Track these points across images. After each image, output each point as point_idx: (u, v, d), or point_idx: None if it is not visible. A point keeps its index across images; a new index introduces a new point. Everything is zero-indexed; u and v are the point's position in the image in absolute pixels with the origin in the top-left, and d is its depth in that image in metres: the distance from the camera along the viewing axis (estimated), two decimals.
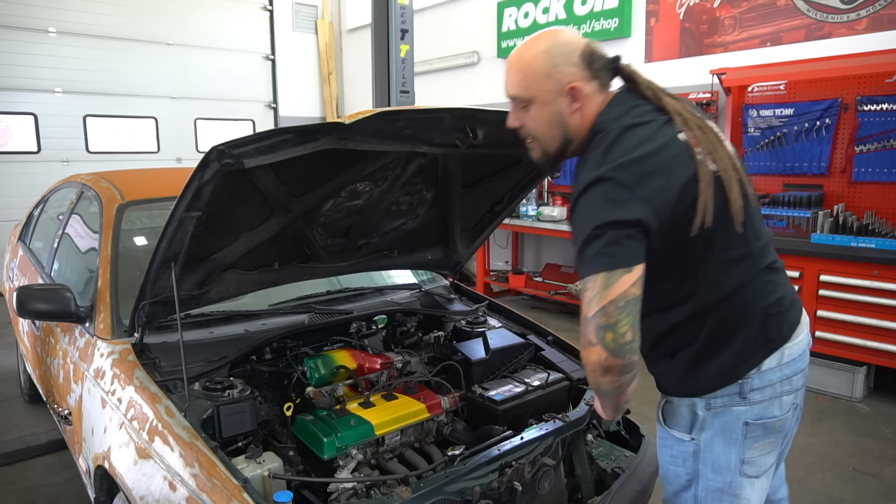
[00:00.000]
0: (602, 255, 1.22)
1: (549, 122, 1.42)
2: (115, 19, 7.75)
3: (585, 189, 1.27)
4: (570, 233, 1.31)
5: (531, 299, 6.89)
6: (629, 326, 1.22)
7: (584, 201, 1.28)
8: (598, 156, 1.31)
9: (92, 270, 2.42)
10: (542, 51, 1.39)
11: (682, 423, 1.48)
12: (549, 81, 1.38)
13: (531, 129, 1.46)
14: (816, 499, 2.96)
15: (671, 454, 1.52)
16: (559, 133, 1.44)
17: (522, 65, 1.41)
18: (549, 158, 1.50)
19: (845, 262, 3.99)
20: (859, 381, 4.06)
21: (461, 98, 7.69)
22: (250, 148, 1.51)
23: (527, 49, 1.42)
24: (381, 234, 2.32)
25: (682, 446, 1.49)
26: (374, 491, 1.64)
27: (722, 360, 1.42)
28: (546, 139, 1.46)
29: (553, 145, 1.46)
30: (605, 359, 1.23)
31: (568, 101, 1.40)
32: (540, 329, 2.56)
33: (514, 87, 1.43)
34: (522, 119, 1.46)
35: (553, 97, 1.40)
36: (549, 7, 6.55)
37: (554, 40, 1.40)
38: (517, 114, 1.47)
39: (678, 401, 1.48)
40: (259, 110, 9.20)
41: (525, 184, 2.41)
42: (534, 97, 1.41)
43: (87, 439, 2.02)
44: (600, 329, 1.22)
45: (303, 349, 2.14)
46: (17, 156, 7.31)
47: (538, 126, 1.44)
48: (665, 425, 1.53)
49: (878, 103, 4.18)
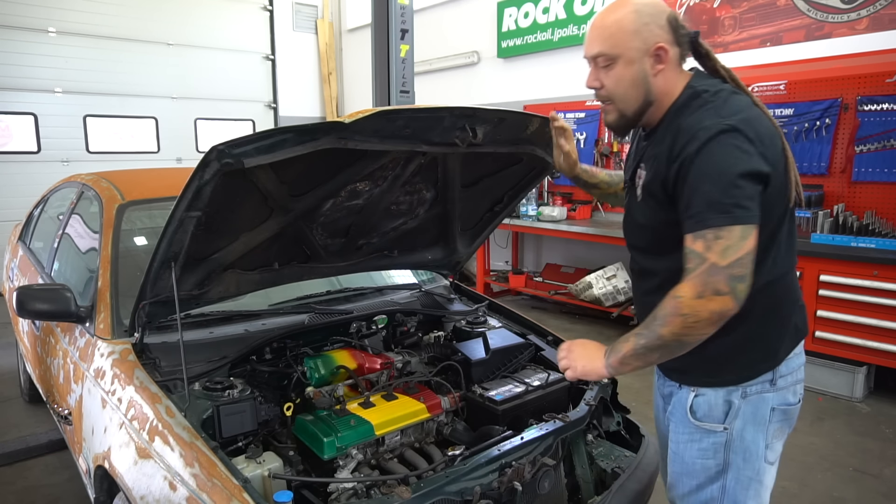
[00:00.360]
0: (741, 207, 1.24)
1: (633, 82, 1.41)
2: (115, 19, 7.76)
3: (714, 136, 1.28)
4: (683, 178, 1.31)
5: (531, 299, 6.89)
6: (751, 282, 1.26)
7: (715, 149, 1.27)
8: (713, 110, 1.33)
9: (92, 270, 2.42)
10: (632, 10, 1.38)
11: (715, 414, 1.48)
12: (636, 40, 1.38)
13: (611, 89, 1.44)
14: (816, 499, 2.96)
15: (699, 448, 1.51)
16: (641, 93, 1.42)
17: (610, 22, 1.40)
18: (625, 121, 1.48)
19: (845, 262, 3.98)
20: (859, 381, 4.06)
21: (461, 98, 7.69)
22: (250, 147, 1.51)
23: (615, 8, 1.41)
24: (381, 234, 2.32)
25: (713, 438, 1.49)
26: (374, 491, 1.64)
27: (766, 346, 1.45)
28: (626, 99, 1.44)
29: (633, 106, 1.44)
30: (731, 308, 1.25)
31: (652, 61, 1.39)
32: (540, 329, 2.56)
33: (599, 45, 1.41)
34: (602, 79, 1.44)
35: (639, 56, 1.39)
36: (549, 7, 6.55)
37: (642, 1, 1.40)
38: (597, 73, 1.45)
39: (713, 392, 1.48)
40: (259, 110, 9.20)
41: (525, 184, 2.41)
42: (619, 55, 1.39)
43: (87, 439, 2.02)
44: (734, 279, 1.23)
45: (303, 349, 2.14)
46: (17, 156, 7.31)
47: (620, 85, 1.42)
48: (695, 420, 1.51)
49: (878, 103, 4.18)
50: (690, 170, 1.30)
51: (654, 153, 1.44)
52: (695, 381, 1.52)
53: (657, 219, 1.44)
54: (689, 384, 1.53)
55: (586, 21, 6.17)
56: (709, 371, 1.49)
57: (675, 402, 1.58)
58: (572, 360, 1.49)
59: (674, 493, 1.63)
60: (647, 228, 1.50)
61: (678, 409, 1.56)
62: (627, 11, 1.39)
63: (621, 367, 1.41)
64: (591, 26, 1.45)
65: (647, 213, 1.47)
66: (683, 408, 1.54)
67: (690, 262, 1.28)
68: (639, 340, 1.35)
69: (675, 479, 1.60)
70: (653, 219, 1.46)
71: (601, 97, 1.48)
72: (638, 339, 1.35)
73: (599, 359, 1.44)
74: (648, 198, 1.45)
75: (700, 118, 1.34)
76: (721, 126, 1.29)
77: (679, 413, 1.56)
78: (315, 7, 9.67)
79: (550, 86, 6.74)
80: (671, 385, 1.61)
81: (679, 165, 1.32)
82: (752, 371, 1.46)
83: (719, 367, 1.47)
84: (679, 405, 1.56)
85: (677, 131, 1.36)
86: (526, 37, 6.83)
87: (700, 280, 1.25)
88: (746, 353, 1.46)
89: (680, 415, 1.56)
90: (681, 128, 1.35)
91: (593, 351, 1.47)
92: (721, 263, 1.24)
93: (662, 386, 1.69)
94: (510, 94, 7.17)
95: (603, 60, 1.42)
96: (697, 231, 1.27)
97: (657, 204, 1.42)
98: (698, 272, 1.26)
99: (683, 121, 1.36)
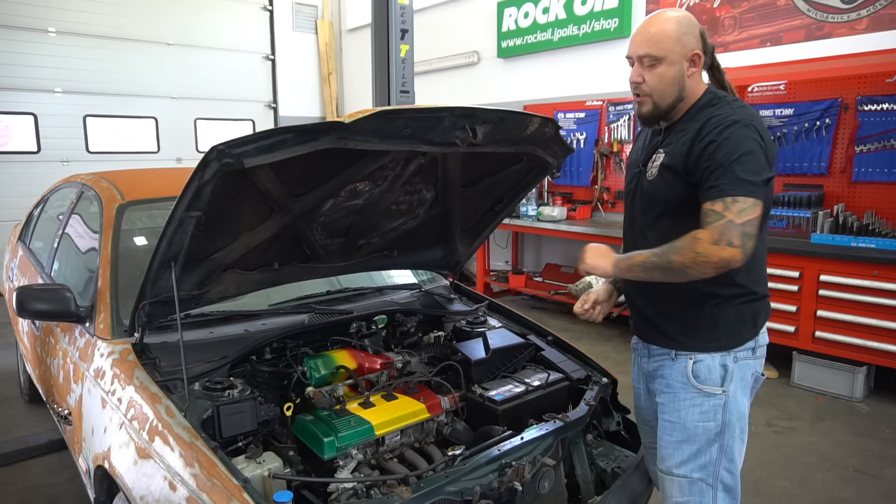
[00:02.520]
0: (754, 184, 1.52)
1: (672, 80, 1.66)
2: (115, 19, 7.76)
3: (741, 128, 1.56)
4: (710, 155, 1.56)
5: (531, 299, 6.89)
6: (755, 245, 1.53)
7: (741, 136, 1.55)
8: (738, 109, 1.62)
9: (92, 270, 2.42)
10: (675, 21, 1.66)
11: (714, 377, 1.69)
12: (679, 45, 1.65)
13: (652, 85, 1.68)
14: (816, 499, 2.96)
15: (701, 411, 1.70)
16: (676, 91, 1.68)
17: (656, 30, 1.66)
18: (658, 112, 1.72)
19: (845, 262, 3.98)
20: (859, 381, 4.06)
21: (461, 98, 7.69)
22: (250, 147, 1.51)
23: (659, 19, 1.68)
24: (381, 234, 2.32)
25: (713, 400, 1.69)
26: (374, 491, 1.64)
27: (751, 316, 1.71)
28: (664, 94, 1.68)
29: (668, 100, 1.69)
30: (738, 260, 1.50)
31: (688, 65, 1.67)
32: (540, 329, 2.56)
33: (647, 48, 1.66)
34: (645, 76, 1.68)
35: (679, 59, 1.65)
36: (549, 7, 6.55)
37: (681, 14, 1.68)
38: (641, 70, 1.69)
39: (710, 357, 1.69)
40: (259, 110, 9.20)
41: (525, 183, 2.41)
42: (664, 57, 1.65)
43: (87, 439, 2.02)
44: (746, 236, 1.50)
45: (303, 349, 2.14)
46: (17, 156, 7.31)
47: (661, 82, 1.67)
48: (697, 384, 1.70)
49: (878, 103, 4.18)
50: (718, 151, 1.55)
51: (675, 139, 1.68)
52: (691, 346, 1.72)
53: (672, 189, 1.68)
54: (686, 350, 1.72)
55: (586, 21, 6.19)
56: (705, 337, 1.70)
57: (671, 372, 1.75)
58: (585, 255, 1.74)
59: (670, 462, 1.74)
60: (657, 200, 1.73)
61: (676, 377, 1.74)
62: (672, 22, 1.66)
63: (626, 271, 1.67)
64: (637, 32, 1.70)
65: (660, 186, 1.71)
66: (683, 374, 1.72)
67: (709, 217, 1.52)
68: (650, 258, 1.60)
69: (673, 449, 1.73)
70: (666, 190, 1.69)
71: (641, 91, 1.71)
72: (650, 256, 1.60)
73: (610, 259, 1.70)
74: (665, 172, 1.69)
75: (729, 112, 1.61)
76: (745, 121, 1.57)
77: (678, 381, 1.73)
78: (315, 7, 9.68)
79: (550, 86, 6.74)
80: (661, 358, 1.78)
81: (706, 144, 1.57)
82: (740, 338, 1.70)
83: (715, 334, 1.69)
84: (678, 373, 1.73)
85: (707, 119, 1.62)
86: (526, 37, 6.84)
87: (718, 230, 1.49)
88: (736, 322, 1.69)
89: (680, 382, 1.73)
90: (711, 117, 1.62)
91: (606, 252, 1.73)
92: (737, 221, 1.49)
93: (647, 363, 1.84)
94: (510, 94, 7.17)
95: (648, 60, 1.66)
96: (717, 198, 1.52)
97: (673, 176, 1.66)
98: (717, 224, 1.50)
99: (714, 113, 1.63)
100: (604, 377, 2.29)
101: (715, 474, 1.71)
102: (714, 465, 1.71)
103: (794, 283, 4.21)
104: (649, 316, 1.82)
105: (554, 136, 2.08)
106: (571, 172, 6.47)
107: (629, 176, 1.88)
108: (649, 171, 1.74)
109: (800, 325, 4.24)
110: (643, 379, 1.92)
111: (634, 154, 1.90)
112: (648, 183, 1.75)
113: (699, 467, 1.71)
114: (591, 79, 6.30)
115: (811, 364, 4.27)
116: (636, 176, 1.82)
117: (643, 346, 1.88)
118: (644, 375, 1.91)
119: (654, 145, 1.78)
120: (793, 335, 4.26)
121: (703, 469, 1.71)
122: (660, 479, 1.80)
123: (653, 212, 1.74)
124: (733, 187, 1.51)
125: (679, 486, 1.73)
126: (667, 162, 1.68)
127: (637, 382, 1.98)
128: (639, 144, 1.91)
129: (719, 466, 1.71)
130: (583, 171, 6.40)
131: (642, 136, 1.91)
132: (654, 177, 1.72)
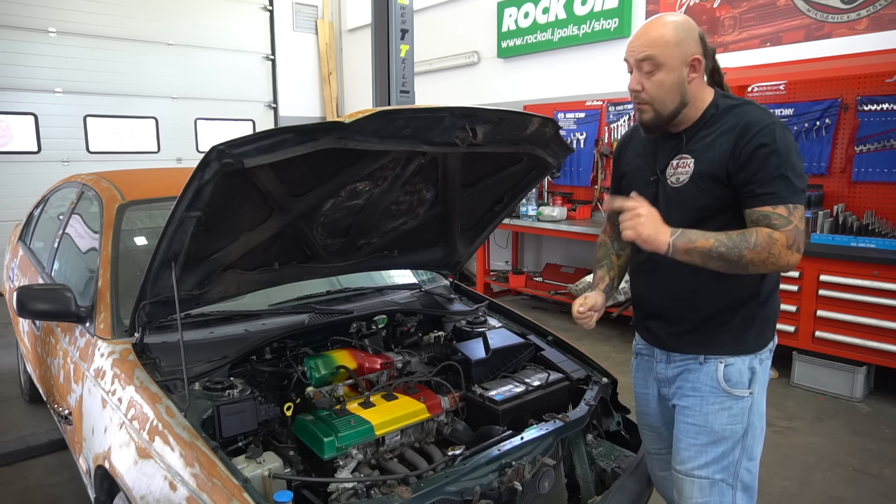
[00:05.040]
0: (804, 192, 1.57)
1: (672, 86, 1.62)
2: (115, 19, 7.75)
3: (777, 123, 1.56)
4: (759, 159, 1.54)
5: (531, 299, 6.89)
6: None
7: (788, 141, 1.55)
8: (755, 106, 1.62)
9: (92, 270, 2.42)
10: (673, 26, 1.61)
11: (743, 380, 1.69)
12: (677, 50, 1.60)
13: (651, 92, 1.63)
14: (816, 499, 2.96)
15: (730, 414, 1.69)
16: (678, 97, 1.63)
17: (654, 35, 1.61)
18: (661, 120, 1.67)
19: (845, 262, 3.98)
20: (859, 381, 4.06)
21: (461, 98, 7.69)
22: (250, 147, 1.51)
23: (657, 23, 1.63)
24: (381, 234, 2.32)
25: (741, 403, 1.69)
26: (374, 491, 1.64)
27: (773, 319, 1.74)
28: (665, 101, 1.63)
29: (669, 108, 1.64)
30: (794, 265, 1.55)
31: (688, 70, 1.62)
32: (540, 329, 2.56)
33: (646, 53, 1.61)
34: (644, 83, 1.64)
35: (678, 64, 1.60)
36: (549, 7, 6.55)
37: (679, 19, 1.64)
38: (639, 77, 1.64)
39: (740, 360, 1.68)
40: (259, 110, 9.20)
41: (525, 183, 2.41)
42: (663, 63, 1.60)
43: (87, 439, 2.02)
44: (805, 244, 1.57)
45: (303, 349, 2.14)
46: (17, 156, 7.31)
47: (660, 89, 1.62)
48: (728, 388, 1.68)
49: (878, 103, 4.18)
50: (772, 157, 1.53)
51: (706, 144, 1.64)
52: (722, 350, 1.69)
53: (710, 195, 1.63)
54: (716, 353, 1.69)
55: (586, 21, 6.19)
56: (737, 340, 1.69)
57: (697, 377, 1.72)
58: (639, 223, 1.55)
59: (692, 464, 1.72)
60: (690, 207, 1.66)
61: (704, 381, 1.71)
62: (670, 27, 1.61)
63: (683, 254, 1.54)
64: (635, 37, 1.65)
65: (693, 194, 1.65)
66: (713, 379, 1.69)
67: (776, 220, 1.52)
68: (718, 247, 1.51)
69: (697, 452, 1.71)
70: (701, 197, 1.64)
71: (641, 99, 1.66)
72: (718, 244, 1.51)
73: (666, 234, 1.55)
74: (701, 179, 1.63)
75: (764, 114, 1.59)
76: (781, 123, 1.57)
77: (707, 385, 1.70)
78: (315, 7, 9.67)
79: (550, 86, 6.74)
80: (684, 363, 1.75)
81: (756, 147, 1.54)
82: (765, 339, 1.72)
83: (746, 337, 1.69)
84: (706, 377, 1.70)
85: (746, 122, 1.58)
86: (526, 37, 6.84)
87: (792, 235, 1.51)
88: (765, 323, 1.71)
89: (709, 386, 1.70)
90: (749, 120, 1.58)
91: (661, 225, 1.56)
92: (801, 227, 1.53)
93: (665, 370, 1.80)
94: (510, 94, 7.17)
95: (647, 66, 1.62)
96: (778, 204, 1.52)
97: (713, 183, 1.61)
98: (789, 228, 1.51)
99: (747, 115, 1.60)
100: (604, 377, 2.29)
101: (735, 474, 1.71)
102: (735, 466, 1.71)
103: (794, 282, 4.21)
104: (674, 320, 1.75)
105: (554, 136, 2.08)
106: (571, 172, 6.47)
107: (639, 184, 1.78)
108: (673, 178, 1.68)
109: (800, 325, 4.24)
110: (655, 384, 1.86)
111: (635, 161, 1.83)
112: (675, 190, 1.68)
113: (722, 469, 1.70)
114: (590, 79, 6.31)
115: (811, 364, 4.27)
116: (653, 184, 1.74)
117: (661, 352, 1.80)
118: (657, 381, 1.84)
119: (670, 151, 1.71)
120: (793, 335, 4.26)
121: (725, 470, 1.70)
122: (677, 480, 1.76)
123: (684, 219, 1.62)
124: (791, 195, 1.52)
125: (700, 487, 1.72)
126: (703, 168, 1.62)
127: (645, 388, 1.91)
128: (636, 150, 1.84)
129: (740, 466, 1.71)
130: (583, 171, 6.40)
131: (636, 142, 1.84)
132: (684, 184, 1.66)
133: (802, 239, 1.54)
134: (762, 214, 1.53)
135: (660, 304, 1.78)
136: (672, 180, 1.69)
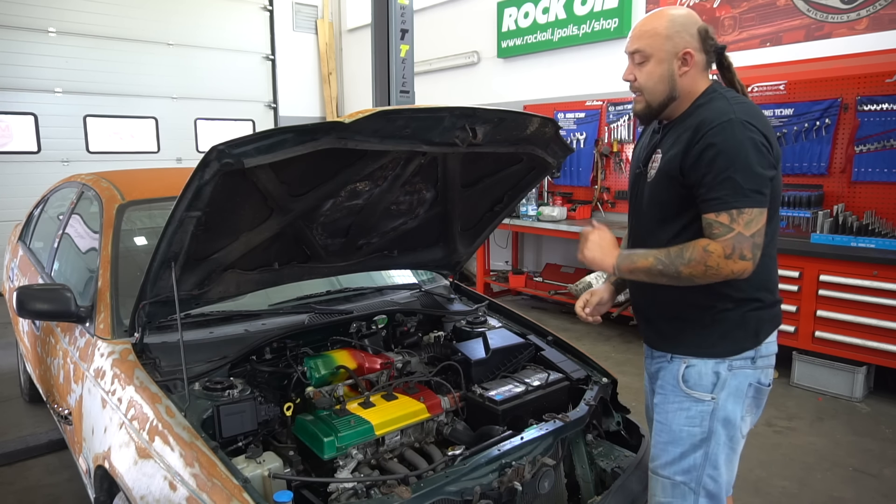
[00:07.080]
0: (759, 192, 1.50)
1: (661, 78, 1.64)
2: (115, 19, 7.76)
3: (737, 127, 1.51)
4: (707, 161, 1.52)
5: (531, 299, 6.89)
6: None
7: (739, 138, 1.50)
8: (737, 107, 1.56)
9: (92, 270, 2.42)
10: (668, 19, 1.63)
11: (704, 384, 1.67)
12: (668, 44, 1.62)
13: (642, 83, 1.67)
14: (816, 499, 2.96)
15: (687, 416, 1.69)
16: (667, 89, 1.65)
17: (648, 27, 1.65)
18: (650, 111, 1.70)
19: (845, 262, 3.99)
20: (859, 381, 4.07)
21: (461, 98, 7.69)
22: (250, 147, 1.51)
23: (654, 16, 1.67)
24: (381, 234, 2.32)
25: (701, 406, 1.68)
26: (374, 491, 1.64)
27: (752, 326, 1.67)
28: (653, 93, 1.66)
29: (658, 99, 1.67)
30: (748, 272, 1.51)
31: (679, 63, 1.63)
32: (540, 329, 2.56)
33: (637, 44, 1.65)
34: (636, 73, 1.67)
35: (668, 57, 1.62)
36: (549, 7, 6.55)
37: (678, 13, 1.66)
38: (632, 68, 1.69)
39: (702, 363, 1.67)
40: (259, 110, 9.20)
41: (525, 183, 2.41)
42: (652, 54, 1.63)
43: (87, 439, 2.02)
44: (755, 248, 1.50)
45: (303, 349, 2.14)
46: (17, 156, 7.31)
47: (649, 80, 1.65)
48: (686, 388, 1.69)
49: (878, 103, 4.18)
50: (718, 158, 1.50)
51: (672, 140, 1.64)
52: (686, 350, 1.70)
53: (670, 193, 1.64)
54: (681, 353, 1.71)
55: (586, 21, 6.19)
56: (701, 342, 1.68)
57: (665, 374, 1.75)
58: (586, 247, 1.71)
59: (657, 462, 1.75)
60: (656, 203, 1.70)
61: (668, 379, 1.73)
62: (664, 20, 1.63)
63: (629, 273, 1.65)
64: (633, 29, 1.70)
65: (658, 190, 1.68)
66: (675, 377, 1.71)
67: (716, 229, 1.50)
68: (657, 265, 1.57)
69: (661, 450, 1.74)
70: (664, 193, 1.66)
71: (634, 89, 1.70)
72: (657, 263, 1.57)
73: (612, 257, 1.67)
74: (663, 178, 1.65)
75: (724, 109, 1.56)
76: (741, 119, 1.52)
77: (670, 383, 1.73)
78: (315, 7, 9.68)
79: (550, 86, 6.75)
80: (660, 360, 1.78)
81: (704, 147, 1.52)
82: (738, 347, 1.67)
83: (711, 340, 1.67)
84: (670, 376, 1.73)
85: (702, 120, 1.56)
86: (526, 37, 6.84)
87: (730, 243, 1.49)
88: (735, 330, 1.66)
89: (671, 385, 1.73)
90: (704, 117, 1.56)
91: (608, 248, 1.69)
92: (746, 233, 1.49)
93: (650, 365, 1.85)
94: (510, 94, 7.17)
95: (638, 57, 1.66)
96: (722, 210, 1.50)
97: (669, 181, 1.63)
98: (728, 237, 1.49)
99: (705, 112, 1.58)
100: (604, 377, 2.29)
101: (698, 479, 1.70)
102: (698, 471, 1.70)
103: (794, 283, 4.21)
104: (650, 317, 1.82)
105: (554, 136, 2.08)
106: (571, 172, 6.47)
107: (632, 175, 1.86)
108: (649, 173, 1.72)
109: (800, 325, 4.24)
110: (648, 379, 1.93)
111: (637, 152, 1.88)
112: (648, 185, 1.72)
113: (682, 471, 1.71)
114: (590, 79, 6.31)
115: (811, 364, 4.27)
116: (638, 177, 1.80)
117: (647, 348, 1.88)
118: (648, 376, 1.92)
119: (653, 145, 1.75)
120: (792, 335, 4.27)
121: (687, 473, 1.71)
122: (649, 476, 1.82)
123: (654, 214, 1.71)
124: (737, 199, 1.48)
125: (662, 487, 1.75)
126: (663, 166, 1.65)
127: (645, 382, 1.98)
128: (643, 141, 1.88)
129: (703, 472, 1.69)
130: (583, 171, 6.40)
131: (647, 132, 1.88)
132: (653, 179, 1.70)
133: (749, 244, 1.48)
134: (707, 222, 1.53)
135: (642, 302, 1.85)
136: (651, 174, 1.72)
